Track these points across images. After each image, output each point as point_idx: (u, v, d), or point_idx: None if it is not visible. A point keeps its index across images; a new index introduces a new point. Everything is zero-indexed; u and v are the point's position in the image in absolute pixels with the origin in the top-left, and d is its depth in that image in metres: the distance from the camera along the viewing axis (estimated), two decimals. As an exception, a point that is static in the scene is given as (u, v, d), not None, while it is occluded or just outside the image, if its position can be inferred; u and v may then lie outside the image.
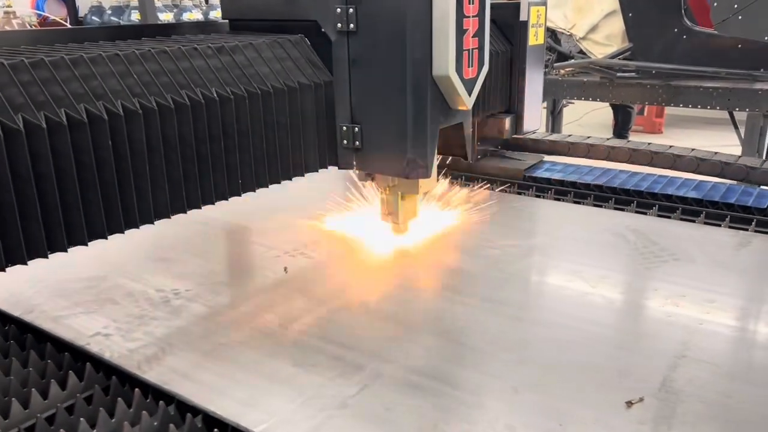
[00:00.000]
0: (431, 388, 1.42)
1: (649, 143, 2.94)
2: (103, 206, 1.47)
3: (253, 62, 1.79)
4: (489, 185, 2.81)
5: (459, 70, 1.81)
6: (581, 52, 4.86)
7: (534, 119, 2.86)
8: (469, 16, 1.79)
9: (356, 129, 1.94)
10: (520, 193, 2.80)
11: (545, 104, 6.94)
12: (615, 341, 1.63)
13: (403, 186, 2.06)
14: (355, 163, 1.98)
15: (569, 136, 3.14)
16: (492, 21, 2.73)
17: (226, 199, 1.74)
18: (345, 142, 1.97)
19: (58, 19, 6.59)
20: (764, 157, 4.15)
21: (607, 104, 7.30)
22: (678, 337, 1.61)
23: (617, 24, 4.58)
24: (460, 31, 1.78)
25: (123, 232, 1.52)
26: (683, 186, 2.69)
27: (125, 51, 1.55)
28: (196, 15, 6.81)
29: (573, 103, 6.20)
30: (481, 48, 1.88)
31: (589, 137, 3.10)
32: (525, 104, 2.78)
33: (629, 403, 1.34)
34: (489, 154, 3.09)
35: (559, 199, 2.72)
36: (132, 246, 2.11)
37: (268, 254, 2.15)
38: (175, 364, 1.51)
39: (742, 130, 4.63)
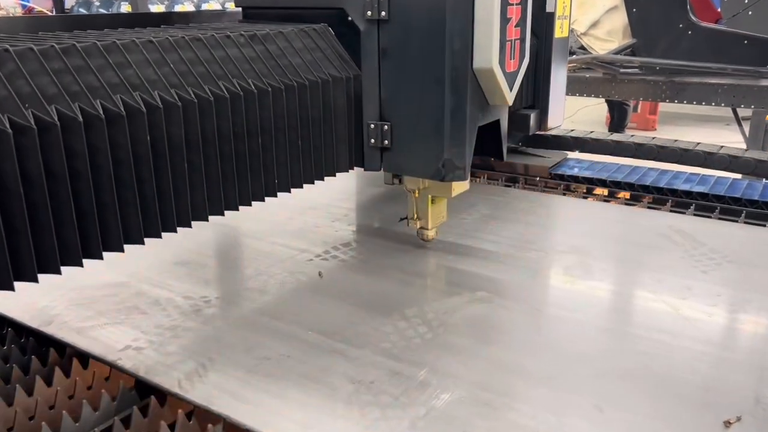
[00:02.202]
0: (502, 405, 1.29)
1: (698, 143, 2.85)
2: (141, 207, 1.33)
3: (286, 52, 1.67)
4: (512, 183, 2.75)
5: (501, 62, 1.72)
6: (582, 47, 4.82)
7: (558, 114, 2.79)
8: (513, 4, 1.71)
9: (385, 127, 1.83)
10: (545, 191, 2.71)
11: None
12: (691, 352, 1.49)
13: (434, 188, 1.95)
14: (382, 163, 1.88)
15: (592, 132, 3.07)
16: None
17: (263, 200, 1.61)
18: (372, 140, 1.85)
19: (44, 10, 6.27)
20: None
21: (601, 100, 7.32)
22: (759, 346, 1.50)
23: (619, 20, 4.56)
24: (504, 20, 1.69)
25: (160, 236, 1.39)
26: (717, 184, 2.61)
27: (159, 37, 1.42)
28: (187, 6, 6.58)
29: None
30: (523, 39, 1.80)
31: (632, 135, 3.01)
32: (550, 99, 2.70)
33: (727, 423, 1.23)
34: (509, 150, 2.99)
35: (586, 197, 2.64)
36: (147, 248, 1.91)
37: (299, 257, 2.01)
38: (219, 381, 1.37)
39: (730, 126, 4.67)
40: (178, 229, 1.43)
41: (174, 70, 1.40)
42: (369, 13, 1.74)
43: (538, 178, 2.80)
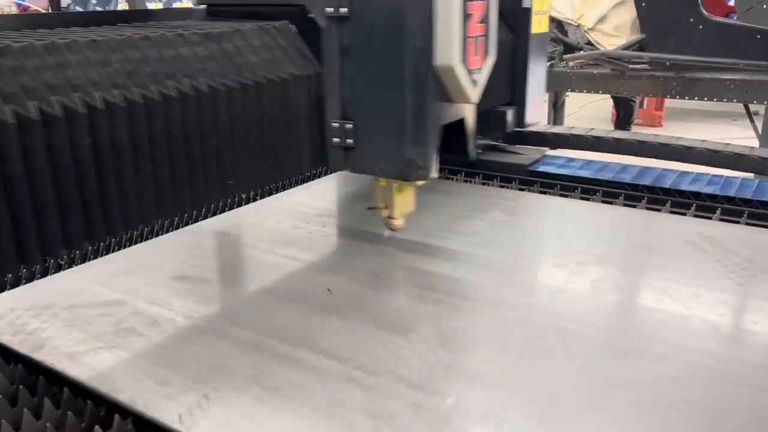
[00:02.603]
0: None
1: (703, 140, 2.69)
2: (83, 212, 1.30)
3: (243, 51, 1.63)
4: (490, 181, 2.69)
5: (464, 60, 1.68)
6: (589, 43, 4.75)
7: (536, 111, 2.75)
8: (475, 0, 1.67)
9: (348, 126, 1.78)
10: (544, 192, 2.57)
11: (546, 97, 6.92)
12: (733, 376, 1.34)
13: (401, 176, 1.91)
14: (347, 163, 1.84)
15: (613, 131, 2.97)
16: (494, 8, 2.64)
17: (219, 202, 1.59)
18: (336, 140, 1.80)
19: (40, 9, 6.22)
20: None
21: (605, 97, 7.25)
22: None
23: (627, 14, 4.49)
24: (466, 17, 1.65)
25: (105, 241, 1.36)
26: (743, 187, 2.43)
27: (104, 36, 1.38)
28: (187, 4, 6.54)
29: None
30: (487, 35, 1.76)
31: (655, 136, 2.88)
32: (527, 96, 2.66)
33: None
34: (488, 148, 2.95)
35: (588, 199, 2.47)
36: (144, 262, 1.87)
37: (303, 270, 1.85)
38: (223, 415, 1.24)
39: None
40: (171, 239, 1.39)
41: (119, 70, 1.36)
42: (329, 9, 1.70)
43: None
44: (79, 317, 1.57)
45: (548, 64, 5.03)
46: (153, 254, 1.94)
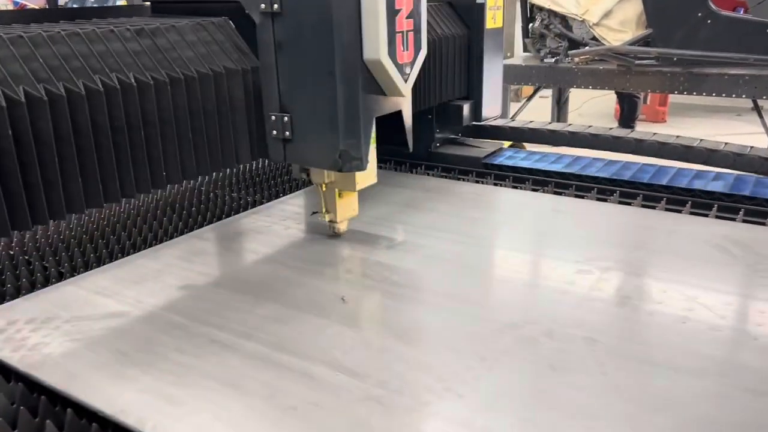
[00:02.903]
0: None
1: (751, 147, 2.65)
2: (5, 200, 1.36)
3: (176, 46, 1.69)
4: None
5: (392, 54, 1.73)
6: (594, 38, 4.72)
7: (494, 106, 2.80)
8: (401, -4, 1.72)
9: (285, 118, 1.84)
10: (535, 190, 2.56)
11: (550, 93, 6.87)
12: None
13: (340, 182, 1.96)
14: (285, 155, 1.89)
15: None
16: (448, 3, 2.68)
17: (149, 192, 1.64)
18: (274, 132, 1.86)
19: (36, 7, 6.32)
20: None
21: (607, 93, 7.21)
22: None
23: (632, 9, 4.46)
24: (392, 12, 1.70)
25: (30, 229, 1.42)
26: (760, 185, 2.38)
27: (30, 33, 1.45)
28: None
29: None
30: (417, 30, 1.81)
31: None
32: (484, 90, 2.71)
33: None
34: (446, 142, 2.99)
35: (604, 200, 2.42)
36: (147, 270, 1.86)
37: (320, 278, 1.82)
38: None
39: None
40: (166, 247, 1.44)
41: (44, 65, 1.43)
42: (263, 5, 1.76)
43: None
44: (82, 331, 1.55)
45: (553, 60, 5.06)
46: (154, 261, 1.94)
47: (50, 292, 1.76)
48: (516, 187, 2.55)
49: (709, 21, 4.07)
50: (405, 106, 1.95)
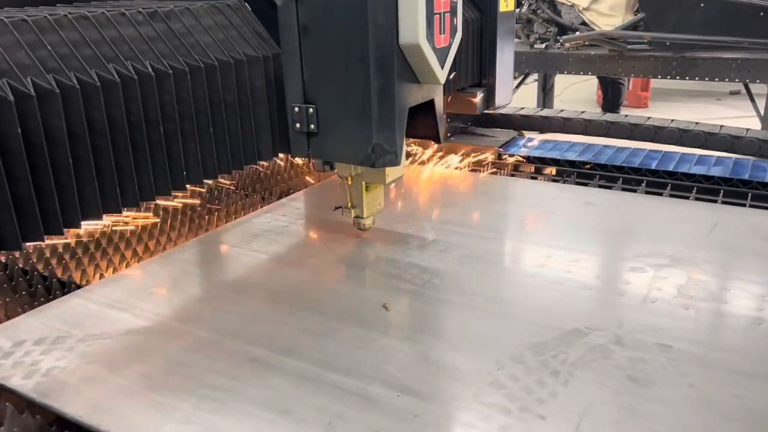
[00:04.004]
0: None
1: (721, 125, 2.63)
2: (15, 209, 1.18)
3: (193, 30, 1.52)
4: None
5: (430, 37, 1.59)
6: (583, 23, 4.65)
7: (506, 93, 2.67)
8: (440, -26, 1.58)
9: (310, 110, 1.68)
10: (556, 180, 2.48)
11: (532, 79, 6.79)
12: None
13: (367, 175, 1.82)
14: (309, 149, 1.73)
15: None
16: (460, -15, 2.54)
17: (169, 194, 1.47)
18: (297, 125, 1.70)
19: None
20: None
21: (588, 79, 7.16)
22: None
23: None
24: (431, -9, 1.55)
25: (43, 240, 1.25)
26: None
27: (35, 16, 1.26)
28: None
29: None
30: (453, 11, 1.66)
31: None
32: (497, 77, 2.57)
33: None
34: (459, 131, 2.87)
35: (633, 190, 2.33)
36: (163, 279, 1.69)
37: (355, 285, 1.69)
38: None
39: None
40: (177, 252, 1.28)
41: (53, 52, 1.24)
42: (286, -15, 1.59)
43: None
44: (101, 353, 1.37)
45: (543, 45, 4.97)
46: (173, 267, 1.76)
47: (56, 307, 1.57)
48: (534, 178, 2.44)
49: (702, 4, 4.04)
50: (438, 94, 1.80)
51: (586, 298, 1.61)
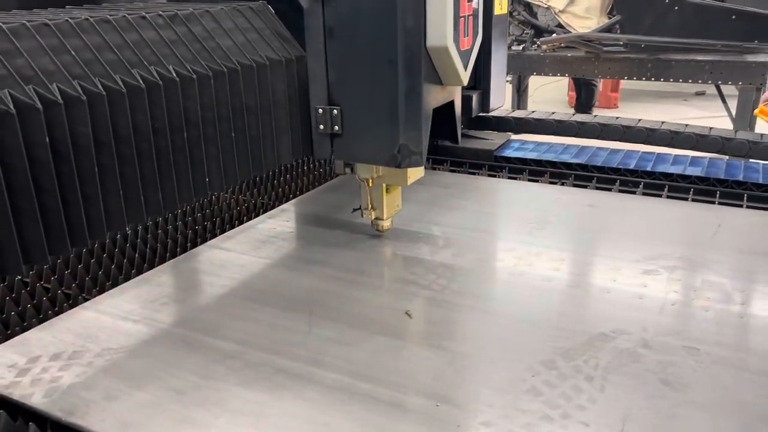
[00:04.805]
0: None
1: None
2: (42, 221, 1.14)
3: (214, 33, 1.48)
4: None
5: (456, 40, 1.58)
6: (559, 25, 4.68)
7: (499, 95, 2.67)
8: (465, -23, 1.57)
9: (335, 111, 1.66)
10: (553, 182, 2.46)
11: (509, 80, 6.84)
12: None
13: (388, 177, 1.80)
14: (333, 151, 1.71)
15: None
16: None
17: (191, 202, 1.43)
18: (321, 127, 1.68)
19: None
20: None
21: (558, 80, 7.24)
22: None
23: None
24: (457, -5, 1.54)
25: (70, 252, 1.20)
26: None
27: (56, 20, 1.21)
28: None
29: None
30: (476, 14, 1.65)
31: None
32: (491, 79, 2.57)
33: None
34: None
35: (632, 192, 2.34)
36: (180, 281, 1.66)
37: (381, 292, 1.64)
38: None
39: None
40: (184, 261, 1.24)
41: (76, 58, 1.20)
42: (313, -13, 1.56)
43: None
44: (125, 370, 1.32)
45: (521, 47, 5.00)
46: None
47: (67, 320, 1.51)
48: (534, 180, 2.45)
49: (676, 7, 4.11)
50: (457, 95, 1.80)
51: (605, 300, 1.60)
